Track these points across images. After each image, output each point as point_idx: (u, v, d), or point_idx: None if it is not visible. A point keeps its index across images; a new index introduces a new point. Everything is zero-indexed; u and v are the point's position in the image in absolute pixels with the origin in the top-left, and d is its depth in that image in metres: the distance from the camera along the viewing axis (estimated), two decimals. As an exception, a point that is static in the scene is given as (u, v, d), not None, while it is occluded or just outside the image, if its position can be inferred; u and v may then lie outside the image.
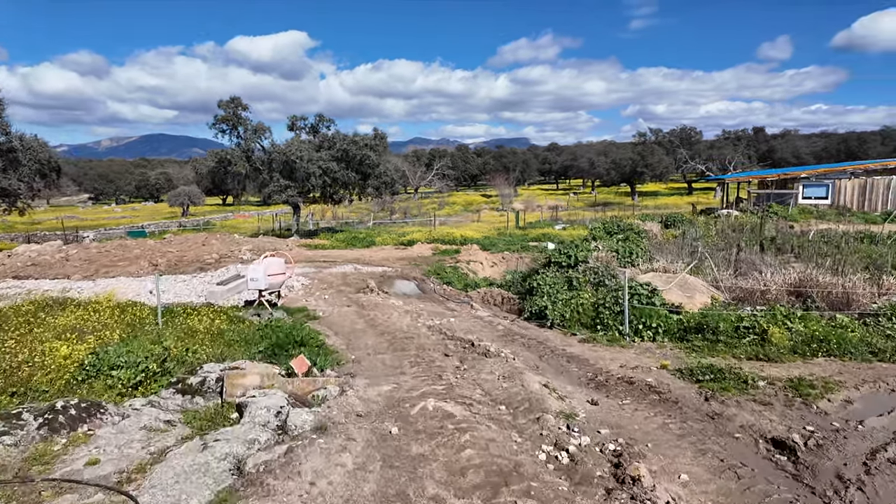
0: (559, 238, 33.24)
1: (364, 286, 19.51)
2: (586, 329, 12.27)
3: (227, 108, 37.36)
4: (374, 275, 22.17)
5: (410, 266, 24.67)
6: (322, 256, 28.45)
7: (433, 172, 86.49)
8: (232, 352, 10.68)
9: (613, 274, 14.38)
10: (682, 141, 74.88)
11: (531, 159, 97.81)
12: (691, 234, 19.86)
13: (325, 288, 19.32)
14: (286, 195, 37.81)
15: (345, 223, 51.17)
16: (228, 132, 38.13)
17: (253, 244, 32.22)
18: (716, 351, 10.17)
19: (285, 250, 31.04)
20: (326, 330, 13.11)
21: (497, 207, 66.26)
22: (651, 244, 19.48)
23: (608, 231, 25.13)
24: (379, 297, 17.39)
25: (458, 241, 31.68)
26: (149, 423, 7.07)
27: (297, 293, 18.26)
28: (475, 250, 29.39)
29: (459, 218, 54.37)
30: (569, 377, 9.19)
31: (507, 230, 38.53)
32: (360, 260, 26.91)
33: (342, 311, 15.14)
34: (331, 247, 32.61)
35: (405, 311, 15.10)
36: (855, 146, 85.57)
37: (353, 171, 38.99)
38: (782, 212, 31.58)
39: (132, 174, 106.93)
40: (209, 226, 53.93)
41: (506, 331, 12.48)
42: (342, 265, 24.94)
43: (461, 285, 20.26)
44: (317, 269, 23.73)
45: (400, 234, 35.69)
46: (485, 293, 17.86)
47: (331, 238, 35.81)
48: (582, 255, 16.01)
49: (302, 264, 25.71)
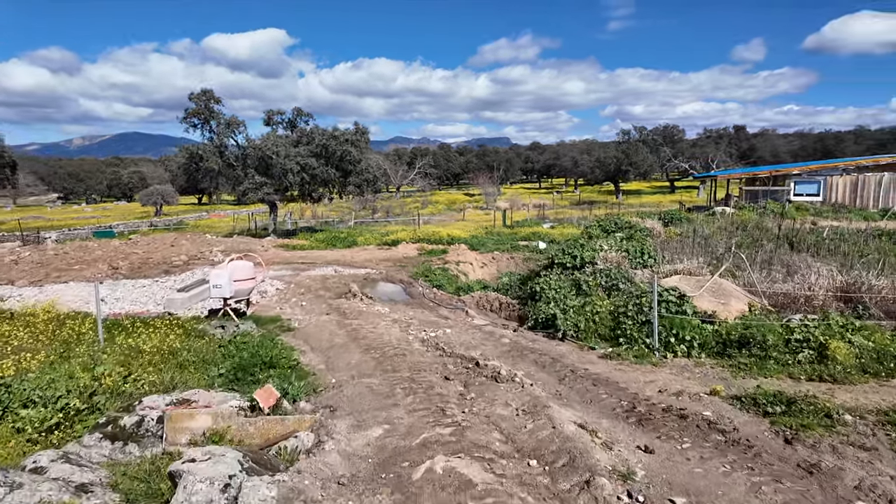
0: (549, 237, 31.58)
1: (346, 291, 17.55)
2: (605, 342, 10.51)
3: (199, 101, 34.96)
4: (356, 278, 20.21)
5: (396, 268, 22.76)
6: (300, 258, 26.38)
7: (415, 171, 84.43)
8: (185, 377, 8.67)
9: (628, 277, 12.65)
10: (665, 139, 74.03)
11: (514, 158, 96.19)
12: (701, 232, 18.27)
13: (302, 293, 17.32)
14: (262, 193, 35.54)
15: (325, 222, 48.97)
16: (200, 127, 35.74)
17: (226, 245, 29.98)
18: (766, 370, 8.48)
19: (260, 251, 28.87)
20: (302, 345, 11.15)
21: (481, 206, 64.53)
22: (657, 243, 17.84)
23: (605, 229, 23.50)
24: (362, 304, 15.45)
25: (444, 241, 29.82)
26: (51, 493, 5.08)
27: (270, 299, 16.23)
28: (463, 250, 27.56)
29: (443, 217, 52.50)
30: (600, 407, 7.39)
31: (494, 229, 36.79)
32: (342, 261, 24.91)
33: (321, 321, 13.17)
34: (310, 247, 30.52)
35: (393, 319, 13.20)
36: (832, 145, 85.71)
37: (332, 168, 36.86)
38: (778, 209, 30.33)
39: (104, 173, 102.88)
40: (182, 225, 51.25)
41: (512, 344, 10.65)
42: (322, 267, 22.93)
43: (452, 289, 18.41)
44: (294, 272, 21.69)
45: (383, 233, 33.73)
46: (480, 298, 16.03)
47: (310, 238, 33.71)
48: (588, 255, 14.27)
49: (278, 266, 23.62)
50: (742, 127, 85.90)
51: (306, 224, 48.03)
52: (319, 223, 48.53)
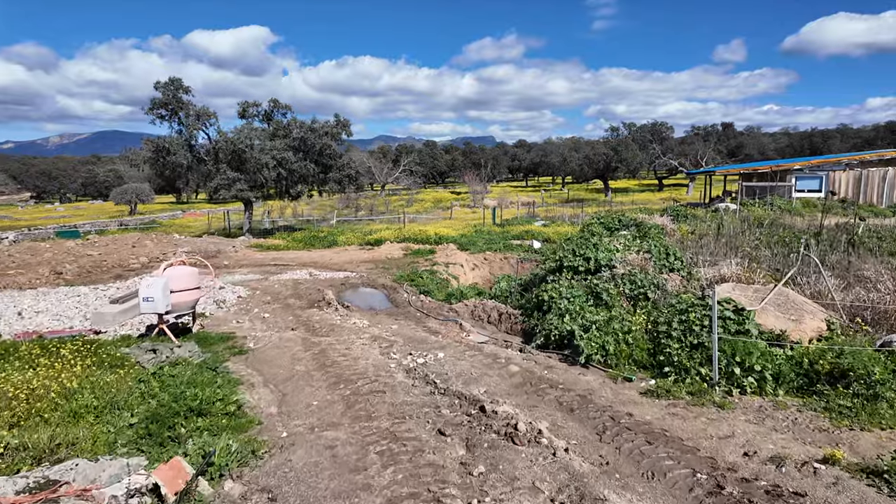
0: (543, 236, 29.26)
1: (319, 298, 14.99)
2: (643, 370, 8.10)
3: (166, 90, 32.05)
4: (333, 282, 17.65)
5: (378, 270, 20.24)
6: (273, 259, 23.74)
7: (400, 169, 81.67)
8: (76, 434, 6.10)
9: (658, 284, 10.26)
10: (654, 136, 72.24)
11: (500, 155, 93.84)
12: (729, 230, 15.96)
13: (267, 302, 14.72)
14: (235, 189, 32.71)
15: (307, 221, 46.20)
16: (168, 118, 32.83)
17: (193, 245, 27.20)
18: (881, 417, 6.15)
19: (229, 252, 26.16)
20: (253, 375, 8.60)
21: (468, 204, 62.11)
22: (673, 242, 15.51)
23: (608, 226, 21.17)
24: (337, 315, 12.90)
25: (432, 240, 27.33)
26: None
27: (228, 310, 13.61)
28: (453, 250, 25.11)
29: (430, 215, 49.97)
30: (671, 488, 4.95)
31: (484, 227, 34.36)
32: (319, 263, 22.32)
33: (284, 339, 10.62)
34: (286, 247, 27.86)
35: (372, 337, 10.69)
36: (818, 142, 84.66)
37: (311, 163, 34.18)
38: (785, 205, 28.29)
39: (78, 172, 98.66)
40: (154, 225, 48.14)
41: (523, 373, 8.18)
42: (295, 270, 20.33)
43: (442, 295, 15.92)
44: (263, 276, 19.07)
45: (366, 232, 31.14)
46: (475, 307, 13.57)
47: (287, 238, 31.03)
48: (605, 257, 11.86)
49: (246, 269, 20.96)
50: (730, 124, 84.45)
51: (286, 223, 45.21)
52: (300, 222, 45.75)
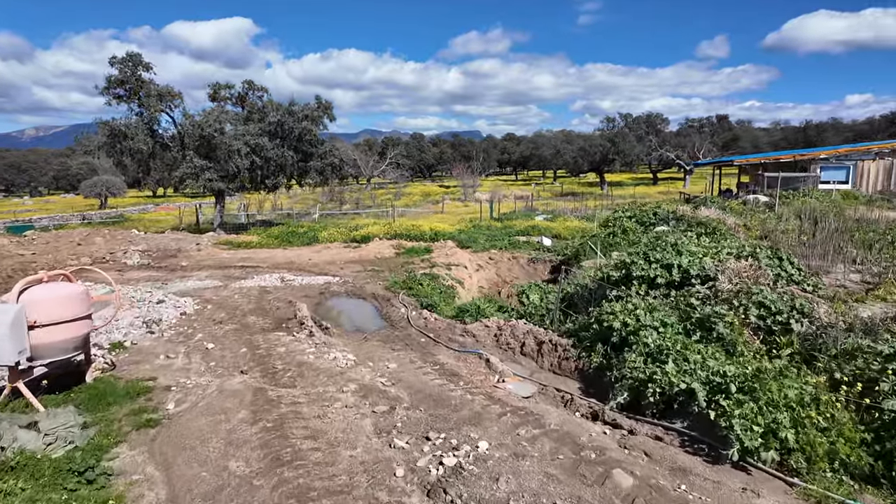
0: (551, 231, 25.62)
1: (289, 315, 11.17)
2: (861, 482, 4.46)
3: (123, 66, 27.77)
4: (309, 291, 13.78)
5: (366, 273, 16.41)
6: (242, 259, 19.77)
7: (387, 162, 77.49)
8: None
9: (803, 308, 6.62)
10: (649, 128, 69.02)
11: (490, 148, 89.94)
12: (830, 225, 12.41)
13: (219, 321, 10.83)
14: (203, 179, 28.54)
15: (287, 215, 42.08)
16: (126, 99, 28.54)
17: (150, 243, 23.06)
18: None
19: (191, 251, 22.08)
20: (153, 483, 4.82)
21: (459, 198, 58.33)
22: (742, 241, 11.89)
23: (641, 221, 17.58)
24: (311, 345, 9.08)
25: (427, 237, 23.52)
26: None
27: (161, 335, 9.71)
28: (452, 249, 21.36)
29: (420, 209, 46.13)
30: None
31: (481, 222, 30.63)
32: (295, 265, 18.43)
33: (225, 394, 6.79)
34: (259, 245, 23.88)
35: (360, 388, 6.93)
36: (813, 135, 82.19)
37: (290, 150, 30.14)
38: (823, 197, 24.97)
39: (50, 164, 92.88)
40: (121, 219, 43.72)
41: (642, 488, 4.47)
42: (265, 274, 16.42)
43: (451, 310, 12.14)
44: (223, 282, 15.13)
45: (351, 227, 27.24)
46: (500, 330, 9.83)
47: (262, 234, 27.02)
48: (698, 264, 8.18)
49: (205, 273, 16.99)
50: (724, 116, 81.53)
51: (265, 217, 41.04)
52: (280, 216, 41.63)
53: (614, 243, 16.33)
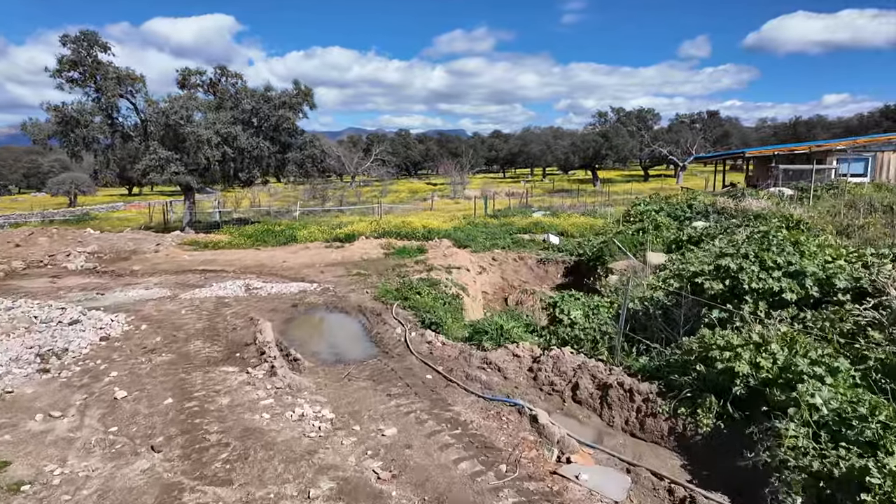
0: (557, 228, 22.91)
1: (246, 340, 8.26)
2: None
3: (77, 46, 24.45)
4: (278, 304, 10.84)
5: (351, 279, 13.50)
6: (204, 262, 16.73)
7: (372, 158, 74.33)
8: None
9: None
10: (641, 123, 66.78)
11: (478, 145, 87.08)
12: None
13: (148, 351, 7.89)
14: (169, 173, 25.32)
15: (266, 213, 38.86)
16: (81, 83, 25.21)
17: (104, 243, 19.88)
18: None
19: (147, 252, 18.94)
20: None
21: (448, 195, 55.51)
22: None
23: (674, 215, 14.90)
24: (268, 393, 6.20)
25: (419, 235, 20.66)
26: None
27: (56, 375, 6.75)
28: (449, 248, 18.54)
29: (408, 206, 43.19)
30: None
31: (476, 219, 27.85)
32: (266, 268, 15.46)
33: (107, 500, 3.96)
34: (229, 245, 20.82)
35: (337, 492, 4.13)
36: (803, 131, 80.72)
37: (266, 140, 27.04)
38: (854, 189, 22.61)
39: (19, 162, 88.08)
40: (86, 217, 40.22)
41: None
42: (229, 280, 13.42)
43: (461, 328, 9.28)
44: (174, 292, 12.13)
45: (334, 225, 24.27)
46: (535, 361, 7.03)
47: (235, 232, 23.94)
48: (846, 271, 5.46)
49: (157, 279, 13.93)
50: (715, 112, 79.51)
51: (242, 215, 37.73)
52: (259, 214, 38.39)
53: (646, 241, 13.63)
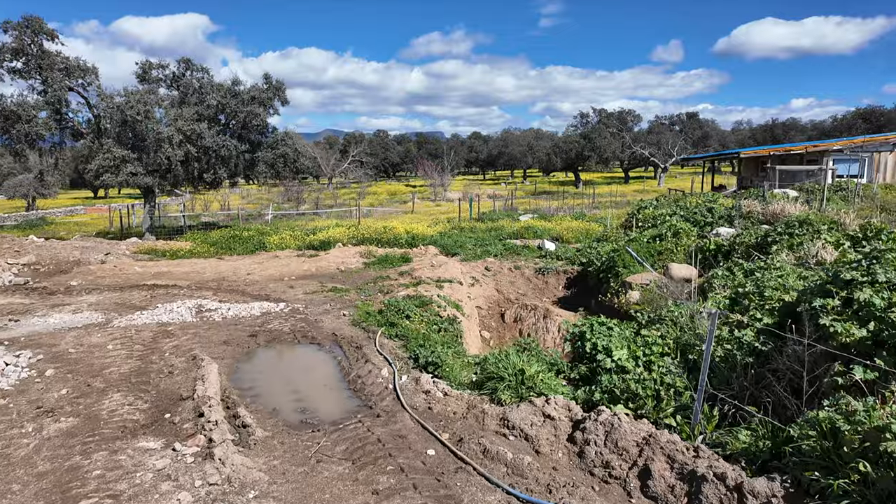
0: (551, 233, 21.10)
1: (183, 392, 6.12)
2: None
3: (20, 33, 21.85)
4: (234, 332, 8.67)
5: (325, 295, 11.40)
6: (156, 275, 14.42)
7: (349, 160, 71.90)
8: None
9: None
10: (622, 124, 65.71)
11: (458, 146, 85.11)
12: None
13: (44, 413, 5.68)
14: (125, 174, 22.83)
15: (238, 217, 36.30)
16: (23, 73, 22.57)
17: (45, 252, 17.33)
18: None
19: (92, 263, 16.50)
20: None
21: (428, 197, 53.51)
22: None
23: (692, 220, 13.12)
24: (198, 491, 4.15)
25: (403, 241, 18.62)
26: None
27: None
28: (436, 256, 16.56)
29: (388, 209, 41.08)
30: None
31: (461, 223, 25.94)
32: (227, 282, 13.25)
33: None
34: (191, 253, 18.52)
35: None
36: (780, 133, 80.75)
37: (234, 138, 24.71)
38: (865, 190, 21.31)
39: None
40: (41, 223, 37.09)
41: None
42: (179, 300, 11.18)
43: (465, 367, 7.27)
44: (108, 316, 9.87)
45: (309, 230, 22.07)
46: (576, 426, 5.09)
47: (199, 239, 21.60)
48: None
49: (95, 296, 11.61)
50: (695, 114, 79.07)
51: (210, 219, 35.12)
52: (229, 218, 35.80)
53: (665, 250, 11.83)
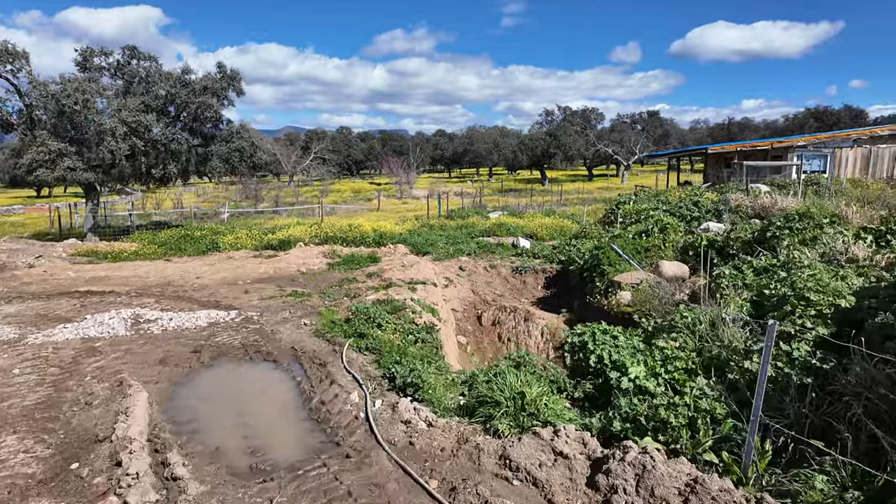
0: (525, 230, 20.22)
1: (102, 431, 4.80)
2: None
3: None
4: (175, 348, 7.29)
5: (284, 301, 10.10)
6: (92, 281, 12.79)
7: (311, 157, 69.77)
8: None
9: None
10: (585, 122, 65.83)
11: (423, 144, 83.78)
12: None
13: None
14: (62, 169, 20.76)
15: (190, 216, 34.19)
16: (-57, 57, 20.27)
17: (-36, 257, 15.34)
18: None
19: (18, 267, 14.67)
20: None
21: (394, 195, 52.15)
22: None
23: (679, 214, 12.39)
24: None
25: (370, 240, 17.39)
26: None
27: None
28: (406, 255, 15.41)
29: (352, 206, 39.58)
30: None
31: (430, 221, 24.87)
32: (173, 287, 11.78)
33: None
34: (135, 255, 16.83)
35: None
36: (736, 132, 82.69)
37: (185, 131, 22.89)
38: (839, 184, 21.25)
39: None
40: (-28, 224, 34.06)
41: None
42: (114, 308, 9.69)
43: (447, 386, 6.18)
44: (24, 330, 8.33)
45: (268, 229, 20.55)
46: (595, 467, 4.08)
47: (147, 239, 19.85)
48: None
49: (17, 306, 9.91)
50: (656, 112, 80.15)
51: (161, 219, 32.93)
52: (182, 217, 33.67)
53: (652, 247, 11.02)
